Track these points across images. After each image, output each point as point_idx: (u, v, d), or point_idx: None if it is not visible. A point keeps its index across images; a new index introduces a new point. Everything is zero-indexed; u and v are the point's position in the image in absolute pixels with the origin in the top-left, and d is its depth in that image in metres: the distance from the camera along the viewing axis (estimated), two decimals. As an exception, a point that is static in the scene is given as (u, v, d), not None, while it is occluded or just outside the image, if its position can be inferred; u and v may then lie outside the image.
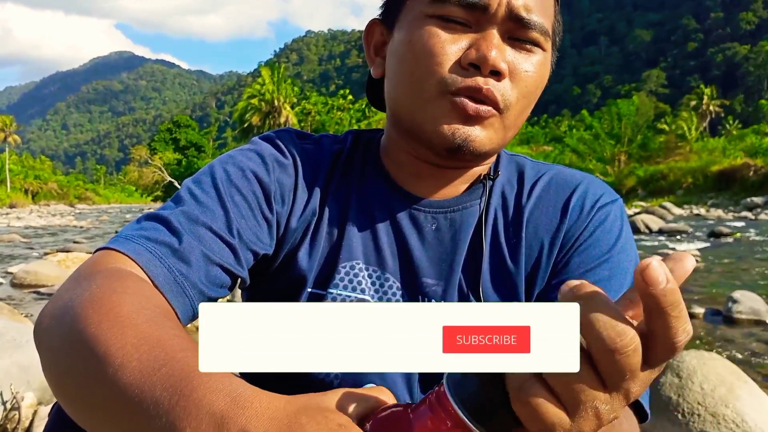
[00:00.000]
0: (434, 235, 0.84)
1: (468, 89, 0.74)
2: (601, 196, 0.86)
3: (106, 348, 0.50)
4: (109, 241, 0.70)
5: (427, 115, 0.77)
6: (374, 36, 0.87)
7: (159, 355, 0.49)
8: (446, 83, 0.75)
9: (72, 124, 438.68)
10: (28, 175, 71.56)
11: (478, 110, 0.75)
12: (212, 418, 0.43)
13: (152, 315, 0.56)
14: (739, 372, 2.47)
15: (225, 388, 0.45)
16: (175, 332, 0.53)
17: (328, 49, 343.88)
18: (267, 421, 0.42)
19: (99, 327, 0.53)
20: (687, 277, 0.37)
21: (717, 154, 41.53)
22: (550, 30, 0.79)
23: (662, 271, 0.34)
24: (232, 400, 0.43)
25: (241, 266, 0.76)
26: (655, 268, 0.34)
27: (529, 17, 0.74)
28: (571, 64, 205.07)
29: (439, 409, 0.41)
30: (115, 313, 0.54)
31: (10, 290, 6.45)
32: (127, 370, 0.48)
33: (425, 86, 0.76)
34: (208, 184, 0.79)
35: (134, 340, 0.51)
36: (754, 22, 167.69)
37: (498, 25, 0.74)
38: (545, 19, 0.77)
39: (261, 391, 0.45)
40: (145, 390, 0.46)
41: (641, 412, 0.73)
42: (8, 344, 2.59)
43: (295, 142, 0.89)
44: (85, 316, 0.54)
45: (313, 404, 0.45)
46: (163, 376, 0.47)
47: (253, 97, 55.49)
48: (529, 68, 0.77)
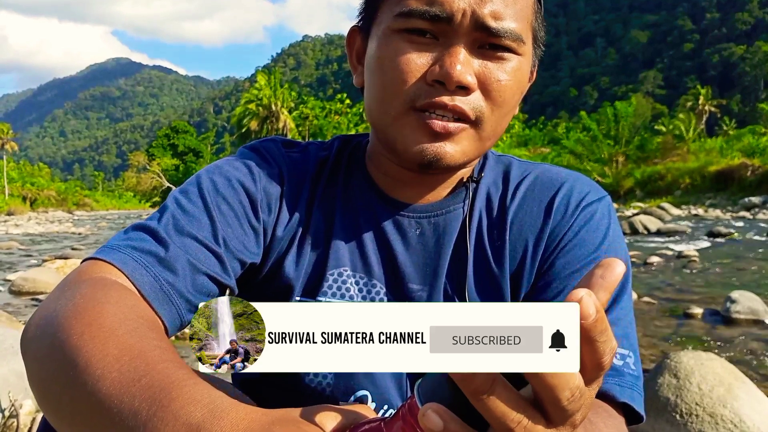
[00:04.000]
0: (418, 240, 0.84)
1: (433, 105, 0.73)
2: (586, 194, 0.84)
3: (88, 359, 0.50)
4: (96, 251, 0.70)
5: (397, 131, 0.77)
6: (355, 44, 0.87)
7: (139, 367, 0.49)
8: (412, 100, 0.74)
9: (70, 130, 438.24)
10: (26, 182, 71.45)
11: (446, 127, 0.74)
12: (189, 429, 0.43)
13: (135, 326, 0.56)
14: (737, 372, 2.47)
15: (203, 399, 0.45)
16: (156, 343, 0.53)
17: (325, 53, 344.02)
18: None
19: (81, 338, 0.53)
20: (618, 281, 0.38)
21: (714, 154, 41.53)
22: (529, 31, 0.76)
23: (592, 304, 0.35)
24: (209, 412, 0.43)
25: (228, 275, 0.76)
26: (586, 303, 0.35)
27: (498, 26, 0.72)
28: (568, 66, 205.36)
29: (410, 419, 0.41)
30: (98, 324, 0.54)
31: (9, 297, 6.43)
32: (107, 380, 0.48)
33: (393, 103, 0.76)
34: (194, 194, 0.79)
35: (115, 351, 0.51)
36: (750, 23, 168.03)
37: (464, 35, 0.72)
38: (518, 23, 0.74)
39: (238, 403, 0.45)
40: (124, 401, 0.46)
41: (635, 414, 0.72)
42: (6, 352, 2.59)
43: (281, 151, 0.89)
44: (68, 326, 0.54)
45: (289, 417, 0.45)
46: (142, 387, 0.47)
47: (250, 102, 55.59)
48: (502, 77, 0.74)
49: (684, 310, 5.38)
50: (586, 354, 0.36)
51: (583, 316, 0.34)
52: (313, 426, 0.45)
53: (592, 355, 0.37)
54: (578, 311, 0.35)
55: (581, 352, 0.36)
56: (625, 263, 0.46)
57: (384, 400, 0.81)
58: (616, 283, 0.38)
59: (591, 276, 0.38)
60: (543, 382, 0.36)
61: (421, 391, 0.41)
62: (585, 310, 0.34)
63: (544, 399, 0.37)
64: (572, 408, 0.37)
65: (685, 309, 5.38)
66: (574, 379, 0.36)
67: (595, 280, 0.38)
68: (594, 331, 0.35)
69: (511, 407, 0.37)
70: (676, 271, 8.07)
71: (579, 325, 0.35)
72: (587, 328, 0.35)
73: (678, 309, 5.50)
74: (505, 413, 0.36)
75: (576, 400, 0.37)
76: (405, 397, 0.82)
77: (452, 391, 0.39)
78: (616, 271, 0.38)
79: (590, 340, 0.36)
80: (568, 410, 0.37)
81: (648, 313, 5.35)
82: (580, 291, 0.35)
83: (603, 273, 0.38)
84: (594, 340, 0.36)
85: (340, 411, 0.48)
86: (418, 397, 0.41)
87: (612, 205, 0.87)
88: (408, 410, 0.42)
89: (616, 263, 0.38)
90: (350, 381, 0.81)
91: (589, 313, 0.34)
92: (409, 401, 0.42)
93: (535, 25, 0.79)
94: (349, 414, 0.48)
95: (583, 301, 0.34)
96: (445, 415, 0.37)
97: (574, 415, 0.38)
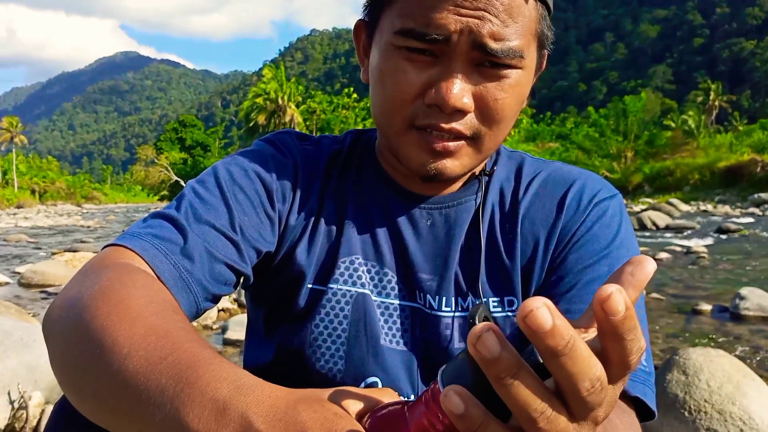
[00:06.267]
0: (429, 231, 0.85)
1: (432, 126, 0.75)
2: (598, 191, 0.85)
3: (114, 339, 0.51)
4: (117, 238, 0.71)
5: (400, 146, 0.79)
6: (362, 38, 0.86)
7: (165, 346, 0.50)
8: (411, 119, 0.76)
9: (78, 124, 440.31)
10: (35, 176, 71.82)
11: (446, 146, 0.75)
12: (215, 405, 0.44)
13: (160, 308, 0.57)
14: (746, 369, 2.46)
15: (229, 377, 0.46)
16: (181, 325, 0.54)
17: (333, 47, 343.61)
18: (267, 408, 0.43)
19: (108, 319, 0.53)
20: (648, 280, 0.38)
21: (724, 150, 41.34)
22: (532, 42, 0.75)
23: (621, 300, 0.34)
24: (235, 388, 0.45)
25: (245, 263, 0.77)
26: (615, 299, 0.34)
27: (497, 46, 0.71)
28: (577, 60, 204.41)
29: (433, 405, 0.41)
30: (124, 305, 0.55)
31: (18, 290, 6.47)
32: (134, 359, 0.49)
33: (395, 119, 0.77)
34: (211, 184, 0.80)
35: (142, 331, 0.52)
36: (761, 17, 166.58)
37: (463, 54, 0.71)
38: (520, 39, 0.72)
39: (264, 382, 0.46)
40: (150, 379, 0.47)
41: (647, 411, 0.72)
42: (16, 344, 2.60)
43: (296, 143, 0.90)
44: (95, 308, 0.55)
45: (313, 396, 0.46)
46: (168, 365, 0.48)
47: (258, 97, 55.61)
48: (500, 95, 0.74)
49: (693, 306, 5.36)
50: (613, 351, 0.36)
51: (611, 312, 0.34)
52: (337, 406, 0.46)
53: (619, 352, 0.36)
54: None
55: (608, 348, 0.36)
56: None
57: (394, 386, 0.82)
58: (646, 281, 0.38)
59: (621, 273, 0.38)
60: (563, 370, 0.35)
61: (444, 375, 0.41)
62: (614, 306, 0.34)
63: (564, 389, 0.37)
64: (593, 400, 0.37)
65: (694, 305, 5.35)
66: (595, 370, 0.36)
67: (626, 277, 0.38)
68: (622, 329, 0.34)
69: (535, 395, 0.36)
70: (685, 267, 8.03)
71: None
72: (615, 324, 0.34)
73: (687, 305, 5.47)
74: (529, 401, 0.36)
75: (596, 392, 0.36)
76: (415, 384, 0.83)
77: (476, 376, 0.38)
78: (647, 269, 0.38)
79: (618, 338, 0.35)
80: (588, 402, 0.37)
81: (656, 309, 5.32)
82: (610, 287, 0.34)
83: (633, 270, 0.38)
84: (622, 338, 0.35)
85: (363, 394, 0.49)
86: (441, 383, 0.41)
87: (623, 203, 0.87)
88: (431, 395, 0.42)
89: (647, 261, 0.38)
90: (361, 367, 0.82)
91: (618, 310, 0.34)
92: (433, 386, 0.42)
93: (541, 31, 0.77)
94: (371, 397, 0.49)
95: (613, 297, 0.34)
96: (467, 398, 0.37)
97: (595, 410, 0.38)
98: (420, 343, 0.83)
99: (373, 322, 0.83)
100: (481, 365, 0.36)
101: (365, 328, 0.82)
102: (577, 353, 0.35)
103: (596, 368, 0.36)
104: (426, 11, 0.70)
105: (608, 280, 0.37)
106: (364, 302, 0.83)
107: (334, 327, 0.83)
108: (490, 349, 0.35)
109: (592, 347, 0.36)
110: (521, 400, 0.36)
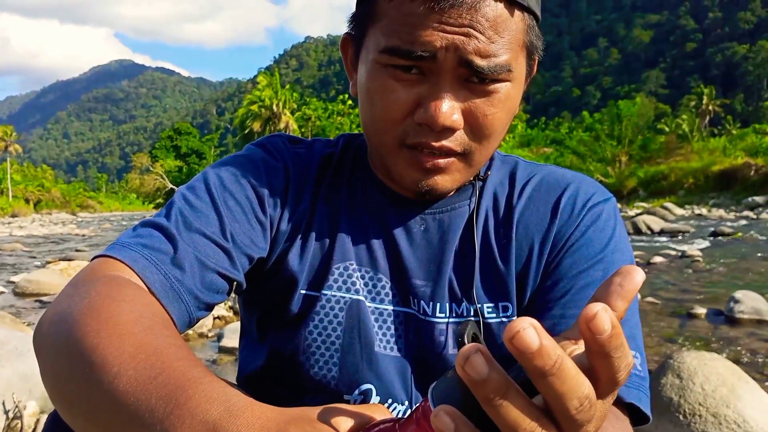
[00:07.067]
0: (423, 237, 0.85)
1: (422, 144, 0.75)
2: (592, 195, 0.85)
3: (104, 356, 0.51)
4: (106, 249, 0.70)
5: (391, 162, 0.79)
6: (349, 52, 0.86)
7: (155, 364, 0.49)
8: (402, 138, 0.76)
9: (73, 132, 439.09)
10: (30, 184, 71.57)
11: (436, 164, 0.76)
12: (205, 427, 0.43)
13: (150, 324, 0.56)
14: (740, 372, 2.47)
15: (219, 398, 0.45)
16: (172, 341, 0.54)
17: (328, 54, 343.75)
18: (258, 430, 0.43)
19: (97, 335, 0.53)
20: (637, 290, 0.38)
21: (718, 154, 41.50)
22: (520, 54, 0.75)
23: (607, 319, 0.34)
24: (225, 410, 0.44)
25: (237, 270, 0.76)
26: (601, 318, 0.34)
27: (483, 63, 0.70)
28: (571, 66, 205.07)
29: (424, 423, 0.41)
30: (113, 321, 0.54)
31: (13, 299, 6.44)
32: (123, 378, 0.48)
33: (385, 139, 0.77)
34: (201, 190, 0.79)
35: (131, 348, 0.51)
36: (753, 22, 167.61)
37: (449, 71, 0.71)
38: (507, 53, 0.71)
39: (255, 402, 0.46)
40: (140, 398, 0.47)
41: (642, 415, 0.72)
42: (10, 353, 2.60)
43: (287, 146, 0.89)
44: (84, 323, 0.55)
45: (305, 416, 0.46)
46: (158, 385, 0.47)
47: (253, 104, 55.63)
48: (490, 111, 0.74)
49: (687, 310, 5.37)
50: (601, 369, 0.36)
51: (598, 332, 0.34)
52: (328, 426, 0.45)
53: (607, 370, 0.36)
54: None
55: (596, 366, 0.36)
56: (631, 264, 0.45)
57: (388, 394, 0.82)
58: (635, 291, 0.38)
59: (609, 284, 0.38)
60: (551, 389, 0.35)
61: (434, 394, 0.41)
62: (600, 326, 0.33)
63: (553, 407, 0.36)
64: (582, 418, 0.36)
65: (689, 309, 5.37)
66: (583, 388, 0.35)
67: (614, 288, 0.38)
68: (609, 347, 0.34)
69: (524, 415, 0.36)
70: (680, 271, 8.05)
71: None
72: (602, 343, 0.34)
73: (681, 309, 5.49)
74: (518, 421, 0.36)
75: (585, 410, 0.36)
76: (409, 391, 0.83)
77: (466, 396, 0.38)
78: (635, 279, 0.38)
79: (605, 356, 0.35)
80: (577, 420, 0.36)
81: (651, 313, 5.34)
82: (595, 305, 0.34)
83: (622, 281, 0.38)
84: (609, 356, 0.35)
85: (355, 411, 0.49)
86: (431, 401, 0.41)
87: (617, 206, 0.87)
88: (422, 413, 0.42)
89: (636, 271, 0.38)
90: (355, 375, 0.81)
91: (605, 329, 0.34)
92: (423, 404, 0.42)
93: (529, 42, 0.76)
94: (363, 414, 0.48)
95: (598, 316, 0.34)
96: (457, 418, 0.37)
97: (585, 426, 0.37)
98: (414, 349, 0.83)
99: (368, 328, 0.82)
100: (470, 386, 0.35)
101: (359, 335, 0.82)
102: (564, 372, 0.34)
103: (584, 386, 0.36)
104: (411, 29, 0.69)
105: (598, 291, 0.38)
106: (359, 309, 0.82)
107: (328, 334, 0.82)
108: (478, 371, 0.34)
109: (581, 364, 0.36)
110: (510, 420, 0.36)
